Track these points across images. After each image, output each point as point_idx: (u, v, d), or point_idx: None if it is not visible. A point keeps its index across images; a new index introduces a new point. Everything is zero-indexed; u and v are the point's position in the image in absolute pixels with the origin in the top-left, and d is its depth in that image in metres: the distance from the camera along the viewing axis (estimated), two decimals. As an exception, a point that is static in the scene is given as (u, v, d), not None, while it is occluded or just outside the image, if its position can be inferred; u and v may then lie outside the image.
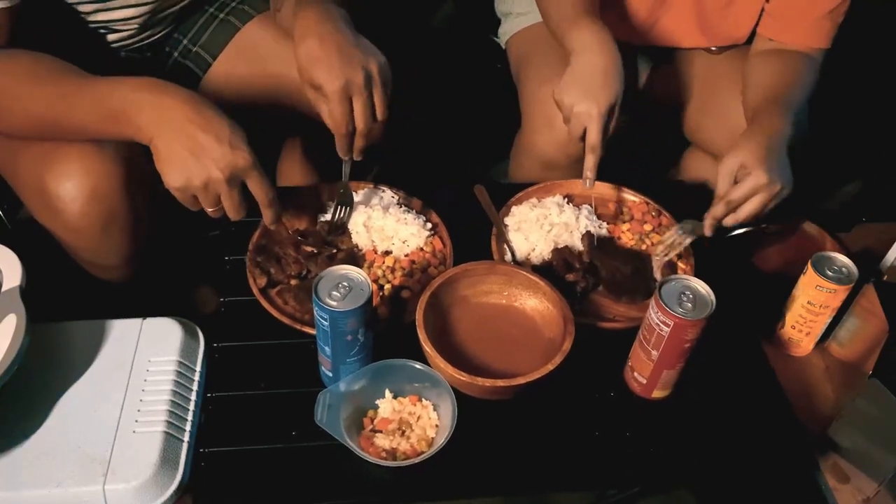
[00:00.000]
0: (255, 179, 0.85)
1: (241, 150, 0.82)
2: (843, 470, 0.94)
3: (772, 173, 0.93)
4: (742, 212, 0.95)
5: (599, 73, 0.99)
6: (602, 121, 0.98)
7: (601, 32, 1.02)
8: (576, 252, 1.03)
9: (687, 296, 0.82)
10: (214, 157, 0.81)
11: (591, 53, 1.00)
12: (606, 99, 0.98)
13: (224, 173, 0.82)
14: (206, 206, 0.85)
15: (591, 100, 0.97)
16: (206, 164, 0.81)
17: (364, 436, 0.82)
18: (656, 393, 0.88)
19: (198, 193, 0.83)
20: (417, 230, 1.03)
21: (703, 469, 0.87)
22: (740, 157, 0.95)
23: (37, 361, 0.85)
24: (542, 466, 0.84)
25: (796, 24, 1.13)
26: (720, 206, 0.96)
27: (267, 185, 0.86)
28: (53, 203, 0.91)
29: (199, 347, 0.93)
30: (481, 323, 0.93)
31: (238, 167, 0.82)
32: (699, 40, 1.26)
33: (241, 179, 0.84)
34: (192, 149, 0.81)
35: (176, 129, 0.81)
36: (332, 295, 0.80)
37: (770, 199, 0.94)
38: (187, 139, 0.81)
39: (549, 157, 1.21)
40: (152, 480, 0.80)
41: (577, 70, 1.01)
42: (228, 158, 0.81)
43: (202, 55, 1.20)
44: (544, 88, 1.20)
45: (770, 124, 1.00)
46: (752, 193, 0.94)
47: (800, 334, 1.01)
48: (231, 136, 0.82)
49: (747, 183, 0.93)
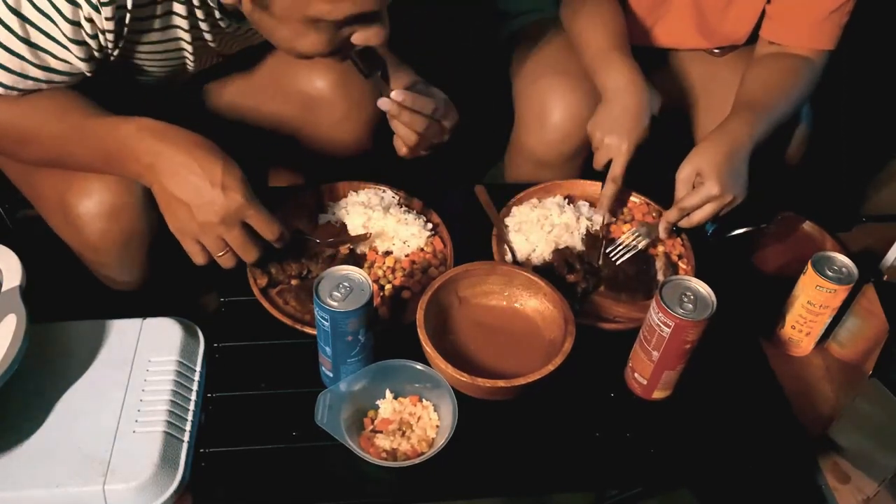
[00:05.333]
0: (255, 218, 0.83)
1: (233, 191, 0.81)
2: (843, 470, 0.94)
3: (724, 184, 0.98)
4: (694, 217, 1.01)
5: (631, 114, 1.05)
6: (629, 157, 1.04)
7: (633, 72, 1.08)
8: (576, 253, 1.03)
9: (688, 296, 0.82)
10: (206, 200, 0.80)
11: (624, 94, 1.06)
12: (637, 137, 1.04)
13: (217, 216, 0.81)
14: (212, 251, 0.84)
15: (623, 136, 1.04)
16: (198, 209, 0.81)
17: (364, 436, 0.82)
18: (657, 394, 0.88)
19: (198, 237, 0.83)
20: (418, 230, 1.03)
21: (703, 469, 0.87)
22: (696, 163, 1.00)
23: (37, 361, 0.84)
24: (543, 467, 0.84)
25: (798, 26, 1.13)
26: (674, 212, 1.02)
27: (269, 221, 0.84)
28: (74, 221, 0.93)
29: (199, 347, 0.93)
30: (482, 323, 0.93)
31: (231, 209, 0.81)
32: (698, 42, 1.27)
33: (239, 220, 0.82)
34: (186, 195, 0.81)
35: (171, 174, 0.81)
36: (332, 295, 0.79)
37: (720, 207, 1.00)
38: (181, 184, 0.81)
39: (541, 155, 1.22)
40: (152, 480, 0.80)
41: (611, 109, 1.07)
42: (220, 201, 0.80)
43: None
44: (535, 87, 1.21)
45: (734, 129, 1.04)
46: (704, 202, 0.99)
47: (800, 334, 1.01)
48: (224, 177, 0.81)
49: (700, 192, 0.99)
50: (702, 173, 0.99)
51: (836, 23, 1.11)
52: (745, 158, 1.02)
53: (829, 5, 1.09)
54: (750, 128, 1.03)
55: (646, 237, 1.05)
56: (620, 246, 1.04)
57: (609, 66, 1.09)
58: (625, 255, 1.03)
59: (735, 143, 1.01)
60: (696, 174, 1.00)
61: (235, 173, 0.82)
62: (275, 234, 0.86)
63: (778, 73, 1.12)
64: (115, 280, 1.03)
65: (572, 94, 1.18)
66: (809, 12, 1.11)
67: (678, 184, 1.02)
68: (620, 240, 1.05)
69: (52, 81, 0.85)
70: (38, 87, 0.85)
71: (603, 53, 1.10)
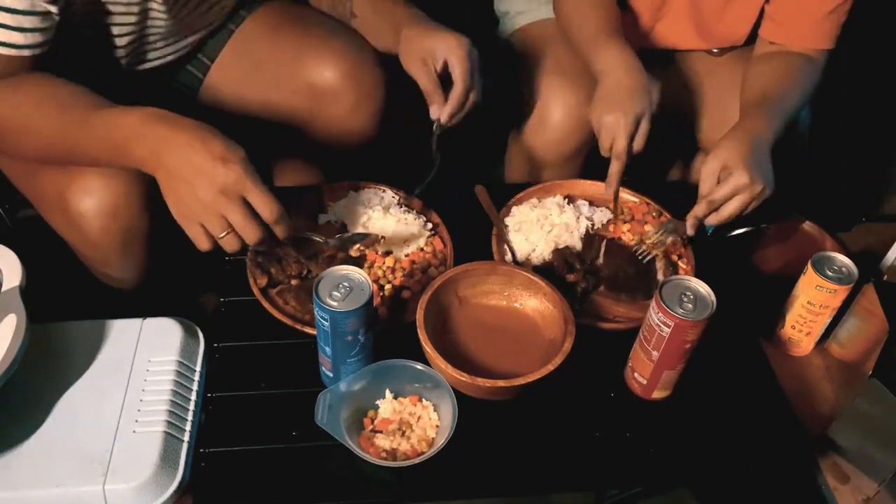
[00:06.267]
0: (254, 193, 0.81)
1: (232, 164, 0.79)
2: (843, 470, 0.94)
3: (753, 174, 0.95)
4: (724, 211, 0.98)
5: (626, 91, 1.03)
6: (629, 129, 1.02)
7: (626, 53, 1.06)
8: (576, 252, 1.03)
9: (687, 296, 0.82)
10: (206, 172, 0.79)
11: (618, 73, 1.04)
12: (633, 110, 1.01)
13: (216, 187, 0.79)
14: (213, 232, 0.82)
15: (619, 112, 1.01)
16: (198, 182, 0.80)
17: (364, 436, 0.82)
18: (656, 393, 0.88)
19: (200, 218, 0.82)
20: (418, 230, 1.03)
21: (702, 469, 0.87)
22: (722, 157, 0.97)
23: (37, 361, 0.85)
24: (543, 467, 0.84)
25: (797, 25, 1.13)
26: (702, 206, 0.98)
27: (269, 199, 0.82)
28: (74, 220, 0.93)
29: (199, 347, 0.93)
30: (482, 323, 0.93)
31: (230, 180, 0.79)
32: (696, 43, 1.27)
33: (238, 193, 0.81)
34: (186, 171, 0.80)
35: (174, 154, 0.81)
36: (332, 295, 0.79)
37: (751, 199, 0.96)
38: (183, 164, 0.80)
39: (541, 155, 1.22)
40: (152, 480, 0.80)
41: (605, 89, 1.05)
42: (220, 172, 0.79)
43: (202, 59, 1.21)
44: (535, 87, 1.21)
45: (754, 125, 1.02)
46: (733, 193, 0.96)
47: (800, 334, 1.01)
48: (224, 151, 0.80)
49: (729, 183, 0.95)
50: (729, 165, 0.96)
51: (835, 22, 1.11)
52: (767, 152, 1.00)
53: (829, 5, 1.09)
54: (768, 122, 1.02)
55: (672, 233, 1.02)
56: (647, 244, 1.02)
57: (602, 50, 1.07)
58: (652, 253, 1.02)
59: (756, 138, 0.99)
60: (721, 168, 0.97)
61: (237, 150, 0.81)
62: (274, 214, 0.82)
63: (782, 70, 1.12)
64: (114, 278, 1.02)
65: (572, 94, 1.18)
66: (809, 12, 1.11)
67: (703, 178, 0.98)
68: (647, 236, 1.03)
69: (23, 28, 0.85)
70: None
71: (595, 38, 1.09)
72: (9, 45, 0.85)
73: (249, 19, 1.20)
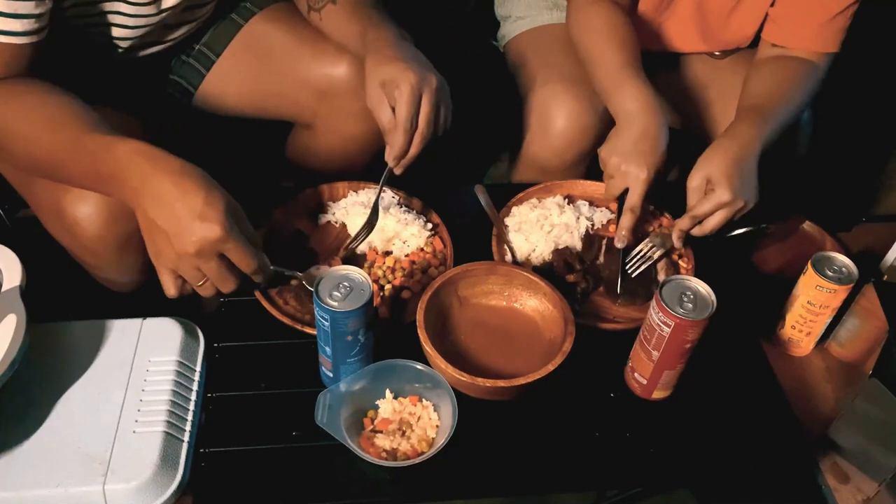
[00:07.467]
0: (232, 251, 0.81)
1: (212, 223, 0.79)
2: (843, 470, 0.94)
3: (735, 190, 0.97)
4: (707, 225, 1.00)
5: (648, 139, 1.01)
6: (647, 186, 1.00)
7: (648, 95, 1.03)
8: (576, 253, 1.03)
9: (688, 296, 0.82)
10: (183, 230, 0.79)
11: (642, 118, 1.02)
12: (654, 164, 1.00)
13: (193, 247, 0.79)
14: (190, 281, 0.83)
15: (640, 164, 1.00)
16: (176, 237, 0.79)
17: (364, 436, 0.82)
18: (657, 393, 0.88)
19: (174, 267, 0.82)
20: (418, 230, 1.03)
21: (702, 469, 0.87)
22: (706, 171, 0.98)
23: (37, 361, 0.85)
24: (543, 467, 0.84)
25: (801, 29, 1.12)
26: (686, 220, 1.01)
27: (247, 254, 0.82)
28: (70, 225, 0.92)
29: (199, 347, 0.93)
30: (482, 323, 0.93)
31: (208, 241, 0.79)
32: (699, 46, 1.27)
33: (215, 252, 0.81)
34: (165, 222, 0.80)
35: (154, 200, 0.80)
36: (332, 295, 0.80)
37: (733, 214, 0.99)
38: (162, 211, 0.80)
39: (545, 162, 1.22)
40: (152, 480, 0.80)
41: (626, 134, 1.02)
42: (198, 232, 0.78)
43: (206, 53, 1.19)
44: (537, 95, 1.21)
45: (741, 133, 1.02)
46: (716, 209, 0.98)
47: (800, 334, 1.01)
48: (204, 208, 0.79)
49: (712, 199, 0.97)
50: (712, 180, 0.97)
51: (839, 26, 1.10)
52: (754, 162, 1.00)
53: (834, 8, 1.09)
54: (757, 131, 1.02)
55: (660, 247, 1.03)
56: (636, 258, 1.03)
57: (623, 89, 1.04)
58: (641, 267, 1.02)
59: (744, 148, 1.00)
60: (706, 181, 0.98)
61: (218, 205, 0.79)
62: (251, 268, 0.84)
63: (782, 76, 1.12)
64: (112, 282, 1.02)
65: (574, 101, 1.17)
66: (813, 15, 1.10)
67: (689, 192, 1.00)
68: (636, 252, 1.03)
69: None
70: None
71: (616, 77, 1.06)
72: (8, 33, 0.84)
73: (261, 14, 1.19)
